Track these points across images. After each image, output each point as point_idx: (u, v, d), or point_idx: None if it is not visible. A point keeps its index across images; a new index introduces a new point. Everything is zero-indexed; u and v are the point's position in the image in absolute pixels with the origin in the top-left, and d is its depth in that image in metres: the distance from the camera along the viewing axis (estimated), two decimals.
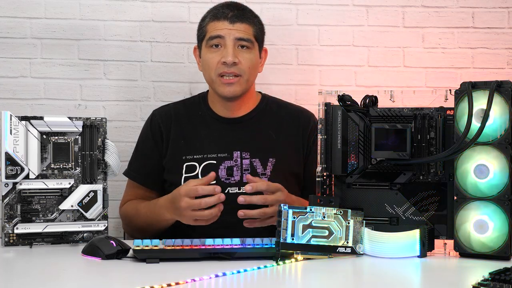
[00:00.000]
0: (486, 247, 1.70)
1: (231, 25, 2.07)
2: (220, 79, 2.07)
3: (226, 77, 2.06)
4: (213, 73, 2.07)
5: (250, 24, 2.10)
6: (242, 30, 2.07)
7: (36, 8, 2.48)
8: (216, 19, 2.08)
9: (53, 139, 1.89)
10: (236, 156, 2.10)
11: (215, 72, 2.07)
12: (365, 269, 1.66)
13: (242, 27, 2.07)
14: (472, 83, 1.72)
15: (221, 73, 2.06)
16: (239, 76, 2.06)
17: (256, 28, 2.12)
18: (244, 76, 2.07)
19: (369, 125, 1.83)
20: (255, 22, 2.12)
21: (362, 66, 2.57)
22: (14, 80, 2.48)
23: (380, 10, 2.57)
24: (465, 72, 2.57)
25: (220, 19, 2.08)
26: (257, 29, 2.12)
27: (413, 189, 1.82)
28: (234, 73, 2.05)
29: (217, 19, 2.08)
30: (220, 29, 2.07)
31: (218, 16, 2.08)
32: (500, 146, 1.69)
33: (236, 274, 1.53)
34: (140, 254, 1.64)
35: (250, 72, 2.08)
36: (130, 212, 2.12)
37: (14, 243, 1.84)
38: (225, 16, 2.07)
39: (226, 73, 2.06)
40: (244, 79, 2.08)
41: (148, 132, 2.19)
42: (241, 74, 2.07)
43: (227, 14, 2.08)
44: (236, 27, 2.07)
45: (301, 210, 1.70)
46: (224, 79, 2.06)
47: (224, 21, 2.07)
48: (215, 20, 2.09)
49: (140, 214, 2.06)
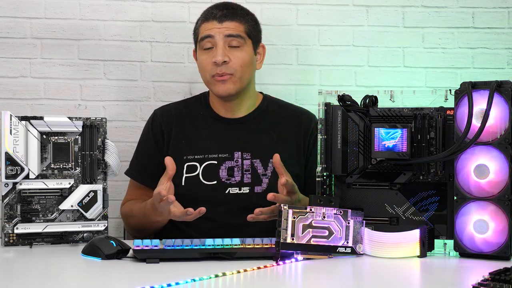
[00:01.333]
0: (486, 247, 1.70)
1: (219, 24, 2.07)
2: (213, 79, 2.07)
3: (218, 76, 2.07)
4: (207, 75, 2.08)
5: (240, 21, 2.09)
6: (231, 28, 2.07)
7: (36, 8, 2.48)
8: (206, 20, 2.10)
9: (53, 139, 1.89)
10: (237, 157, 2.10)
11: (209, 73, 2.07)
12: (365, 269, 1.66)
13: (231, 25, 2.08)
14: (472, 83, 1.72)
15: (213, 74, 2.06)
16: (230, 75, 2.06)
17: (248, 25, 2.11)
18: (236, 74, 2.07)
19: (369, 125, 1.83)
20: (247, 20, 2.12)
21: (362, 66, 2.57)
22: (14, 80, 2.48)
23: (380, 10, 2.57)
24: (465, 72, 2.57)
25: (209, 20, 2.09)
26: (249, 26, 2.11)
27: (413, 189, 1.82)
28: (225, 73, 2.06)
29: (207, 20, 2.10)
30: (209, 29, 2.07)
31: (208, 17, 2.10)
32: (500, 146, 1.69)
33: (236, 274, 1.53)
34: (140, 254, 1.64)
35: (242, 70, 2.08)
36: (127, 212, 2.13)
37: (14, 243, 1.84)
38: (214, 16, 2.09)
39: (217, 74, 2.06)
40: (237, 77, 2.07)
41: (149, 131, 2.19)
42: (232, 72, 2.06)
43: (216, 14, 2.09)
44: (225, 25, 2.07)
45: (301, 210, 1.70)
46: (217, 78, 2.07)
47: (213, 21, 2.08)
48: (205, 22, 2.10)
49: (135, 216, 2.07)
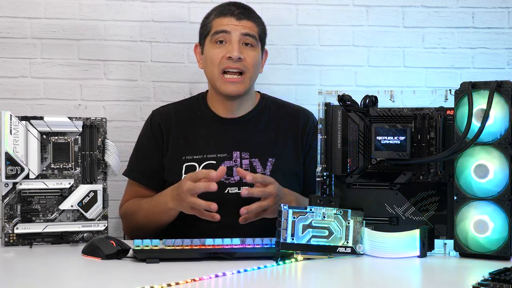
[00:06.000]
0: (486, 247, 1.70)
1: (237, 21, 2.08)
2: (222, 77, 2.07)
3: (229, 75, 2.06)
4: (216, 69, 2.07)
5: (255, 22, 2.12)
6: (248, 27, 2.09)
7: (36, 8, 2.48)
8: (222, 15, 2.10)
9: (53, 139, 1.89)
10: (235, 156, 2.10)
11: (218, 68, 2.07)
12: (365, 269, 1.66)
13: (248, 24, 2.09)
14: (472, 83, 1.72)
15: (225, 68, 2.06)
16: (243, 74, 2.07)
17: (260, 28, 2.14)
18: (247, 73, 2.07)
19: (369, 125, 1.83)
20: (259, 22, 2.15)
21: (362, 66, 2.57)
22: (14, 80, 2.49)
23: (380, 10, 2.57)
24: (465, 72, 2.57)
25: (226, 15, 2.09)
26: (261, 30, 2.14)
27: (413, 189, 1.82)
28: (238, 69, 2.06)
29: (223, 15, 2.10)
30: (226, 25, 2.08)
31: (225, 12, 2.10)
32: (500, 146, 1.69)
33: (236, 274, 1.53)
34: (140, 254, 1.64)
35: (253, 70, 2.09)
36: (131, 209, 2.10)
37: (14, 243, 1.84)
38: (231, 12, 2.09)
39: (230, 68, 2.06)
40: (248, 77, 2.08)
41: (148, 131, 2.19)
42: (245, 70, 2.07)
43: (234, 11, 2.10)
44: (243, 24, 2.08)
45: (301, 210, 1.70)
46: (228, 77, 2.06)
47: (231, 17, 2.09)
48: (221, 16, 2.10)
49: (142, 208, 2.05)
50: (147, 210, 2.03)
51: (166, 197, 1.95)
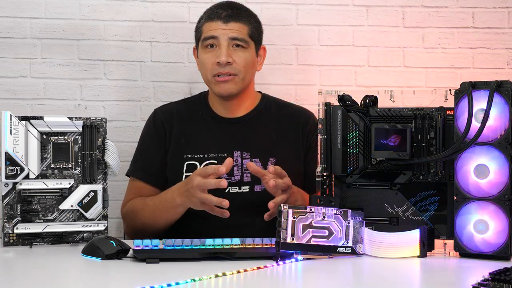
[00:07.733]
0: (486, 247, 1.70)
1: (224, 24, 2.07)
2: (215, 78, 2.08)
3: (221, 76, 2.07)
4: (209, 74, 2.09)
5: (244, 23, 2.10)
6: (236, 30, 2.07)
7: (36, 8, 2.48)
8: (210, 20, 2.09)
9: (53, 139, 1.89)
10: (236, 156, 2.10)
11: (210, 72, 2.08)
12: (365, 269, 1.66)
13: (236, 27, 2.08)
14: (472, 83, 1.72)
15: (216, 74, 2.07)
16: (234, 75, 2.07)
17: (252, 27, 2.11)
18: (239, 75, 2.08)
19: (369, 125, 1.83)
20: (251, 21, 2.12)
21: (362, 66, 2.57)
22: (14, 80, 2.48)
23: (380, 10, 2.57)
24: (465, 72, 2.57)
25: (213, 19, 2.09)
26: (253, 28, 2.12)
27: (413, 189, 1.82)
28: (229, 73, 2.06)
29: (211, 19, 2.09)
30: (214, 29, 2.07)
31: (212, 16, 2.09)
32: (500, 146, 1.69)
33: (236, 274, 1.53)
34: (140, 254, 1.64)
35: (245, 70, 2.08)
36: (136, 207, 2.09)
37: (14, 243, 1.84)
38: (218, 16, 2.08)
39: (221, 73, 2.06)
40: (240, 78, 2.08)
41: (151, 129, 2.19)
42: (236, 73, 2.07)
43: (221, 14, 2.08)
44: (230, 27, 2.07)
45: (301, 210, 1.70)
46: (219, 78, 2.07)
47: (218, 21, 2.08)
48: (209, 21, 2.10)
49: (148, 206, 2.04)
50: (153, 208, 2.03)
51: (174, 193, 1.95)
